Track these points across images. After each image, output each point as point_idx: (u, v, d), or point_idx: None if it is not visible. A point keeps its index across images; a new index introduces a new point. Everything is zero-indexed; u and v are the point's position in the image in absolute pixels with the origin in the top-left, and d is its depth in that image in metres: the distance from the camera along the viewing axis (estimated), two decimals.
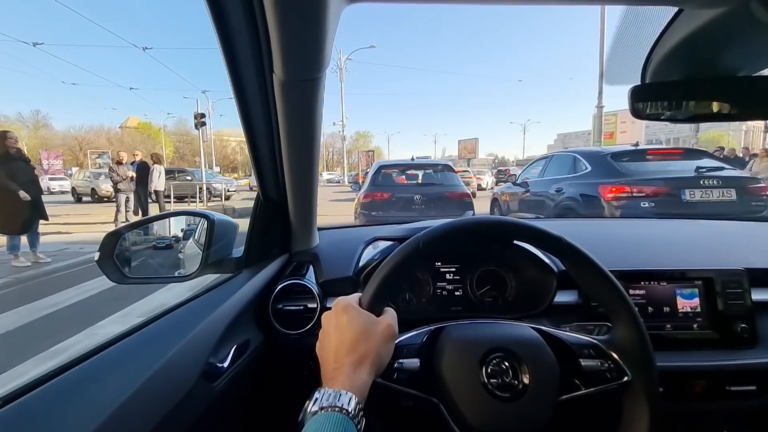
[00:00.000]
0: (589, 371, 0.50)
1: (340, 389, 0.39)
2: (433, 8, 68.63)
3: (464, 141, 43.65)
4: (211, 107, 34.42)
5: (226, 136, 56.37)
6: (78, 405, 0.40)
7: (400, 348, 0.50)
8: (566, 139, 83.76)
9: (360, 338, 0.44)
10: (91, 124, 51.68)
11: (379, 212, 4.53)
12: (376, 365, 0.44)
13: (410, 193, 4.66)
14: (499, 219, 0.53)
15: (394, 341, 0.48)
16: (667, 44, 0.50)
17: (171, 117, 58.98)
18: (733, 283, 0.77)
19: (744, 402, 0.72)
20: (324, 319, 0.49)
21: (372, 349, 0.44)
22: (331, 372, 0.42)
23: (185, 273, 0.85)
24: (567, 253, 0.52)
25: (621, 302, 0.51)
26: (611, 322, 0.53)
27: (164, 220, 0.99)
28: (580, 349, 0.52)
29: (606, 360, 0.51)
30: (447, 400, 0.48)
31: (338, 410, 0.37)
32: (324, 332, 0.47)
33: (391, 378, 0.49)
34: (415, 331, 0.55)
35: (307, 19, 0.44)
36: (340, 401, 0.38)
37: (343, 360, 0.42)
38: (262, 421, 0.77)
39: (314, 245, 0.95)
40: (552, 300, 0.77)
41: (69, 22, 69.60)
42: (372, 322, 0.46)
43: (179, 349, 0.51)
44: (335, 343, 0.44)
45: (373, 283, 0.49)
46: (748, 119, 0.56)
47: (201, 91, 32.25)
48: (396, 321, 0.48)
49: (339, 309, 0.47)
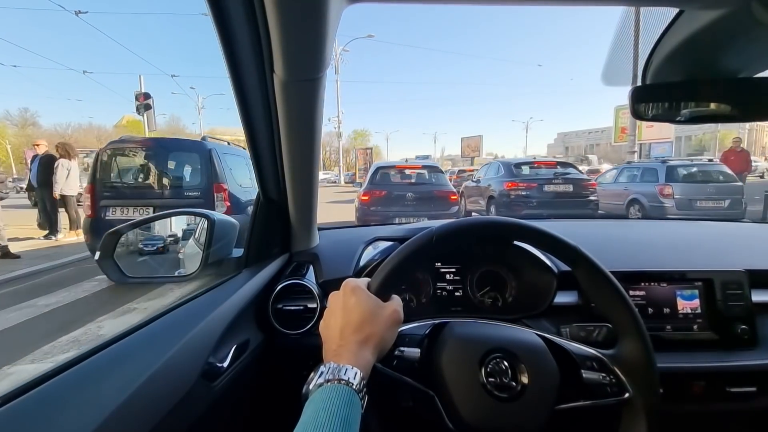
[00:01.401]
0: (590, 383, 0.50)
1: (346, 364, 0.39)
2: (433, 8, 68.51)
3: (467, 138, 41.02)
4: (200, 103, 33.44)
5: (219, 134, 55.25)
6: (77, 405, 0.40)
7: (402, 336, 0.51)
8: (566, 138, 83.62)
9: (367, 319, 0.44)
10: (80, 122, 50.17)
11: (378, 208, 5.12)
12: (379, 348, 0.45)
13: (404, 191, 5.20)
14: (512, 221, 0.53)
15: (398, 327, 0.49)
16: (667, 45, 0.50)
17: (162, 115, 58.24)
18: (733, 284, 0.76)
19: (744, 403, 0.72)
20: (332, 298, 0.49)
21: (377, 331, 0.45)
22: (335, 348, 0.43)
23: (185, 273, 0.85)
24: (580, 263, 0.52)
25: (631, 319, 0.50)
26: (617, 337, 0.53)
27: (165, 219, 0.99)
28: (583, 360, 0.52)
29: (608, 374, 0.50)
30: (443, 394, 0.48)
31: (345, 383, 0.38)
32: (330, 311, 0.48)
33: (390, 365, 0.49)
34: (419, 322, 0.56)
35: (308, 19, 0.44)
36: (346, 375, 0.38)
37: (348, 338, 0.43)
38: (261, 420, 0.77)
39: (314, 245, 0.95)
40: (552, 301, 0.77)
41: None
42: (379, 305, 0.47)
43: (179, 349, 0.51)
44: (341, 323, 0.45)
45: (384, 270, 0.50)
46: (749, 120, 0.56)
47: (170, 75, 30.93)
48: (401, 308, 0.49)
49: (348, 290, 0.48)
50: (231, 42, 0.55)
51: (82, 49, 70.32)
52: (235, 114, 0.67)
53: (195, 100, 33.27)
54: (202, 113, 34.27)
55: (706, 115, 0.53)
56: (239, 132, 0.71)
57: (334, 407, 0.35)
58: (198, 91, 34.57)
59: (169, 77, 29.26)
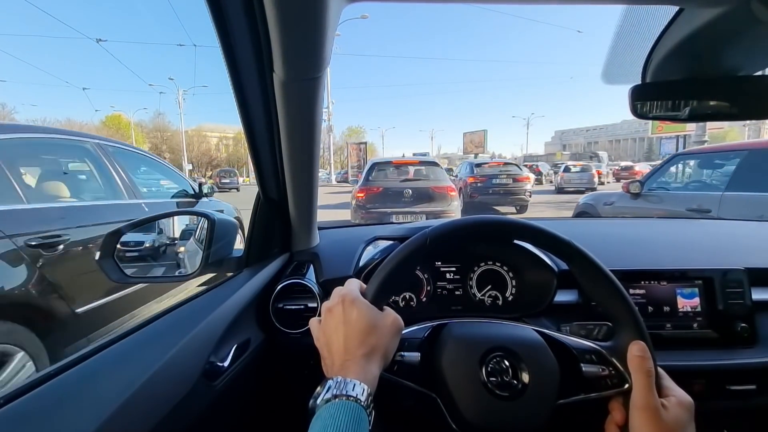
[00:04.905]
0: (590, 377, 0.50)
1: (354, 379, 0.39)
2: (432, 7, 68.29)
3: (470, 134, 37.42)
4: (180, 97, 31.70)
5: (207, 132, 51.42)
6: (79, 404, 0.40)
7: (401, 341, 0.50)
8: (564, 135, 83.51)
9: (370, 331, 0.44)
10: (57, 118, 46.82)
11: (374, 205, 4.93)
12: (384, 358, 0.45)
13: (401, 187, 5.00)
14: (506, 219, 0.53)
15: (400, 334, 0.48)
16: (667, 43, 0.50)
17: (144, 110, 54.74)
18: (733, 282, 0.77)
19: (744, 401, 0.72)
20: (328, 312, 0.47)
21: (381, 342, 0.44)
22: (341, 363, 0.42)
23: (186, 272, 0.85)
24: (574, 258, 0.52)
25: (627, 310, 0.50)
26: (615, 329, 0.53)
27: (166, 219, 0.99)
28: (582, 354, 0.52)
29: (607, 366, 0.51)
30: (445, 395, 0.48)
31: (353, 399, 0.37)
32: (331, 327, 0.46)
33: (391, 370, 0.49)
34: (417, 326, 0.55)
35: (307, 18, 0.44)
36: (354, 391, 0.38)
37: (354, 352, 0.42)
38: (262, 419, 0.78)
39: (314, 245, 0.95)
40: (552, 300, 0.77)
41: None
42: (380, 315, 0.46)
43: (180, 348, 0.51)
44: (343, 337, 0.44)
45: (379, 276, 0.49)
46: (748, 118, 0.56)
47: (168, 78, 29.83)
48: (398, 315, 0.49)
49: (348, 302, 0.46)
50: (230, 41, 0.55)
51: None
52: (225, 110, 0.66)
53: (175, 93, 31.62)
54: (182, 107, 32.60)
55: (705, 113, 0.53)
56: (229, 129, 0.71)
57: (342, 424, 0.35)
58: (177, 83, 32.86)
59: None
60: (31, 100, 65.77)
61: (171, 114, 48.47)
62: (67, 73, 79.76)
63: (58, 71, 77.07)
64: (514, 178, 8.45)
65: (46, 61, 69.95)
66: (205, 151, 50.56)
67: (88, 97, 66.27)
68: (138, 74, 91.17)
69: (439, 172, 5.35)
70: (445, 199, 5.00)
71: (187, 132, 44.55)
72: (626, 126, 66.63)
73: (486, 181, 8.45)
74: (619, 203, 3.77)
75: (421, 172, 5.37)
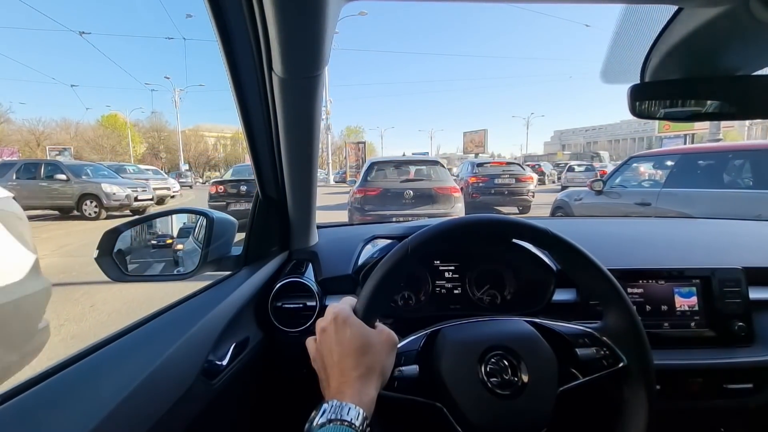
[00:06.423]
0: (586, 360, 0.51)
1: (349, 403, 0.39)
2: (432, 6, 67.86)
3: (470, 133, 37.02)
4: (177, 96, 31.58)
5: (204, 131, 50.99)
6: (76, 403, 0.40)
7: (398, 356, 0.50)
8: (563, 136, 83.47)
9: (365, 351, 0.43)
10: (53, 118, 45.63)
11: (373, 206, 4.64)
12: (381, 377, 0.44)
13: (401, 188, 4.72)
14: (487, 217, 0.53)
15: (395, 349, 0.48)
16: (666, 43, 0.50)
17: (140, 110, 53.11)
18: (730, 281, 0.77)
19: (741, 400, 0.73)
20: (322, 333, 0.46)
21: (377, 361, 0.44)
22: (337, 386, 0.42)
23: (184, 271, 0.84)
24: (553, 245, 0.53)
25: (610, 289, 0.51)
26: (602, 309, 0.54)
27: (165, 217, 0.98)
28: (575, 338, 0.53)
29: (601, 347, 0.52)
30: (449, 402, 0.48)
31: (347, 424, 0.37)
32: (326, 348, 0.45)
33: (392, 387, 0.48)
34: (411, 337, 0.55)
35: (306, 16, 0.44)
36: (349, 415, 0.37)
37: (350, 374, 0.42)
38: (261, 418, 0.77)
39: (313, 243, 0.95)
40: (550, 298, 0.78)
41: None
42: (373, 333, 0.46)
43: (178, 347, 0.51)
44: (337, 358, 0.43)
45: (366, 293, 0.48)
46: (747, 118, 0.56)
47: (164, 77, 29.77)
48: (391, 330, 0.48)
49: (340, 322, 0.45)
50: (229, 40, 0.55)
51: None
52: (223, 110, 0.66)
53: (171, 93, 31.32)
54: (178, 106, 32.43)
55: (704, 112, 0.53)
56: (226, 129, 0.71)
57: None
58: (174, 82, 32.50)
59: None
60: (19, 98, 65.07)
61: (168, 113, 47.95)
62: (53, 69, 78.08)
63: (43, 67, 75.48)
64: (516, 178, 8.27)
65: (28, 56, 68.95)
66: (202, 151, 50.22)
67: (77, 94, 65.44)
68: (131, 72, 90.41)
69: (441, 171, 5.09)
70: (448, 200, 4.72)
71: (184, 132, 44.27)
72: (626, 126, 66.71)
73: (488, 181, 8.27)
74: (587, 199, 4.44)
75: (422, 171, 5.17)
